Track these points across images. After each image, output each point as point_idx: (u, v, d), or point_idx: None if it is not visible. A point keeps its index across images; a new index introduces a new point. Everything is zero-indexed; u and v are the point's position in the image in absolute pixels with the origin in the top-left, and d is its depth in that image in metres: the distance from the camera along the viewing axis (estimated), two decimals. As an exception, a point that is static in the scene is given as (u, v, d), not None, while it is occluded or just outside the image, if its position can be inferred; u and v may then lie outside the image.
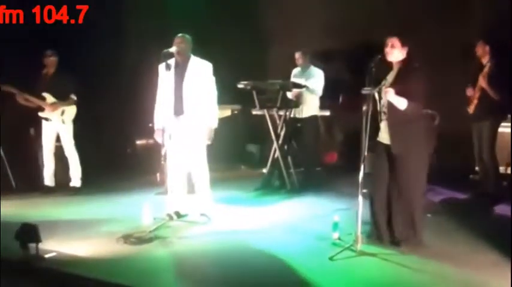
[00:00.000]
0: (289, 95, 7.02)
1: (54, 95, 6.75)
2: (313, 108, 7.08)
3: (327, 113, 8.20)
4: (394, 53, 4.47)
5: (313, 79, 6.97)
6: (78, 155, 6.86)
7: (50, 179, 6.88)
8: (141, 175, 7.74)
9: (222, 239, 4.92)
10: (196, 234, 5.11)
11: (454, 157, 6.84)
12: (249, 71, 7.97)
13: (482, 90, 6.12)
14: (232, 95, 7.66)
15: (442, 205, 6.15)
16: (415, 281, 3.94)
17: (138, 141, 8.62)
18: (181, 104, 5.30)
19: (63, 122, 6.76)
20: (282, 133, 6.97)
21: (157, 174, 7.14)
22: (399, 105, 4.32)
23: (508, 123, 6.69)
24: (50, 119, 6.76)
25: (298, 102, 6.93)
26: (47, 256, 4.37)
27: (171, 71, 5.30)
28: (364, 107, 4.39)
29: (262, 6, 9.12)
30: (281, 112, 6.95)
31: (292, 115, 7.00)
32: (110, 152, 8.28)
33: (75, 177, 6.87)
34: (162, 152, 6.69)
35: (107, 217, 5.63)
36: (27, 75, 6.87)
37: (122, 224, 5.27)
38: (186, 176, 5.54)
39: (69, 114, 6.80)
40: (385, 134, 4.55)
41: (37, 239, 4.30)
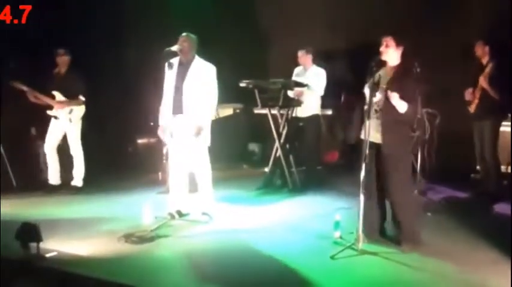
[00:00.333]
0: (291, 94, 7.02)
1: (64, 93, 6.77)
2: (315, 107, 7.08)
3: (329, 112, 8.19)
4: (389, 52, 4.46)
5: (315, 78, 6.97)
6: (80, 154, 6.88)
7: (55, 178, 6.88)
8: (143, 173, 7.74)
9: (224, 238, 4.93)
10: (198, 233, 5.12)
11: (454, 156, 6.83)
12: (251, 70, 7.98)
13: (483, 90, 6.12)
14: (234, 93, 7.67)
15: (442, 203, 6.15)
16: (416, 280, 3.95)
17: (140, 140, 8.60)
18: (180, 104, 5.30)
19: (71, 120, 6.77)
20: (284, 132, 6.96)
21: (159, 173, 7.16)
22: (400, 108, 4.30)
23: (508, 123, 6.68)
24: (58, 117, 6.78)
25: (300, 101, 6.93)
26: (48, 255, 4.37)
27: (174, 70, 5.31)
28: (365, 107, 4.40)
29: (263, 5, 9.12)
30: (283, 111, 6.93)
31: (294, 114, 7.00)
32: (112, 151, 8.27)
33: (78, 176, 6.87)
34: (164, 151, 6.74)
35: (108, 216, 5.64)
36: (38, 74, 6.89)
37: (123, 223, 5.27)
38: (188, 175, 5.54)
39: (77, 114, 6.81)
40: (375, 133, 4.45)
41: (38, 238, 4.30)
